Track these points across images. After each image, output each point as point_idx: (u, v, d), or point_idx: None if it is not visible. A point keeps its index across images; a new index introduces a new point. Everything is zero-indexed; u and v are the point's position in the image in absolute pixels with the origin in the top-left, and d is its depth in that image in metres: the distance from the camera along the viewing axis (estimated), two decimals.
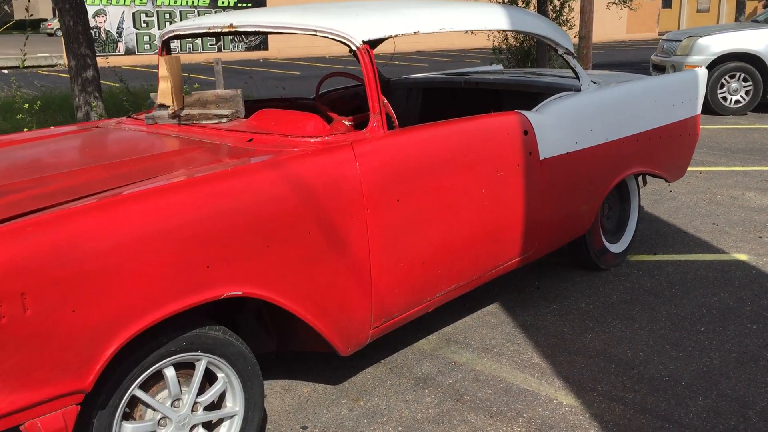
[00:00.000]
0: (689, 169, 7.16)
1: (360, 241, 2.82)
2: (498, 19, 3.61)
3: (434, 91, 5.05)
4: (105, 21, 25.51)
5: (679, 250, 4.85)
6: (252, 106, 4.21)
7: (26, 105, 5.70)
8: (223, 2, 25.42)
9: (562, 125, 3.80)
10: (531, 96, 4.52)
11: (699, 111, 4.95)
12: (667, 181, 4.83)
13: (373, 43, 3.11)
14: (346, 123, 3.27)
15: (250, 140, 2.96)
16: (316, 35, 3.07)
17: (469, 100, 4.93)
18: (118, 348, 2.15)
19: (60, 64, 22.63)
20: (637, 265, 4.60)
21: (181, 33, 3.60)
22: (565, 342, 3.57)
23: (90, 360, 2.10)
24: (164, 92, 3.34)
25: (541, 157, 3.65)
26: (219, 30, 3.40)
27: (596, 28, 23.99)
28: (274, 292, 2.54)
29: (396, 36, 3.16)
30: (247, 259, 2.44)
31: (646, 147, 4.41)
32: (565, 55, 4.04)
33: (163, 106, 3.37)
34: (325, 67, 21.05)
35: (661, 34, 33.87)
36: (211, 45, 25.68)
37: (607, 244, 4.47)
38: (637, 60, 22.07)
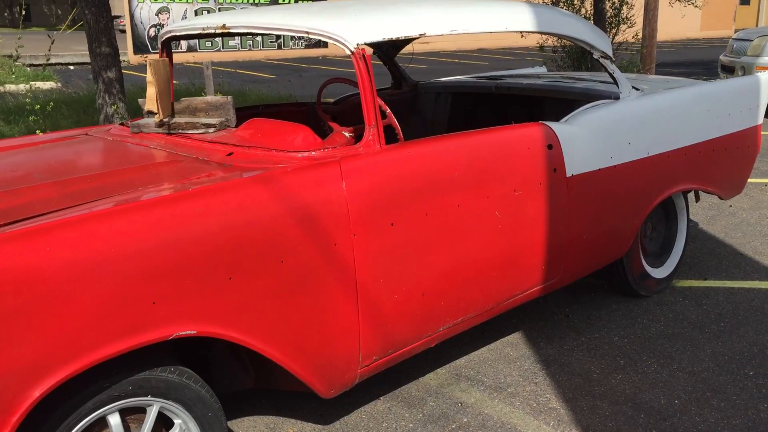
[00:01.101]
0: (752, 181, 6.58)
1: (345, 271, 2.50)
2: (521, 20, 3.23)
3: (464, 96, 4.68)
4: (168, 18, 25.91)
5: (734, 276, 4.36)
6: (254, 112, 3.93)
7: (38, 106, 5.56)
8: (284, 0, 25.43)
9: (594, 138, 3.39)
10: (567, 103, 4.11)
11: (761, 121, 4.44)
12: (720, 198, 4.35)
13: (382, 45, 2.78)
14: (346, 135, 2.95)
15: (230, 154, 2.67)
16: (308, 36, 2.76)
17: (501, 107, 4.54)
18: (42, 396, 1.88)
19: (125, 61, 23.02)
20: (684, 292, 4.14)
21: (178, 34, 3.33)
22: (590, 383, 3.17)
23: (5, 411, 1.83)
24: (151, 98, 3.08)
25: (568, 174, 3.25)
26: (213, 31, 3.12)
27: (668, 25, 23.05)
28: (237, 330, 2.24)
29: (398, 38, 2.82)
30: (203, 294, 2.15)
31: (696, 161, 3.95)
32: (601, 59, 3.62)
33: (150, 113, 3.11)
34: (379, 64, 20.76)
35: (737, 31, 32.45)
36: (271, 42, 25.78)
37: (648, 268, 4.03)
38: (708, 59, 21.07)
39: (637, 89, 3.88)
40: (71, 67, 21.86)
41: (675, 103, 3.87)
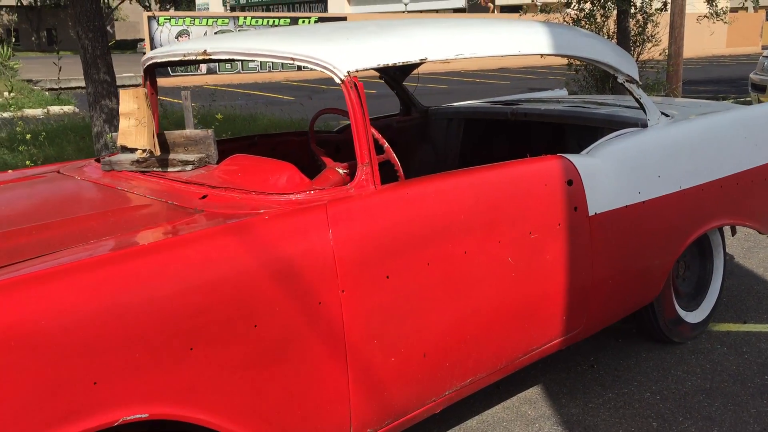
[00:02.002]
0: None
1: (332, 333, 2.16)
2: (535, 42, 2.89)
3: (478, 123, 4.34)
4: (188, 41, 25.91)
5: None
6: (250, 143, 3.63)
7: (28, 136, 5.32)
8: (303, 21, 25.37)
9: (620, 171, 3.03)
10: (589, 131, 3.76)
11: None
12: (760, 232, 3.96)
13: (387, 70, 2.46)
14: (340, 172, 2.63)
15: (203, 197, 2.35)
16: (293, 63, 2.45)
17: (518, 134, 4.20)
18: None
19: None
20: (721, 337, 3.75)
21: (159, 60, 3.04)
22: None
23: None
24: (125, 132, 2.78)
25: (591, 213, 2.90)
26: (194, 57, 2.82)
27: (692, 42, 22.62)
28: (200, 410, 1.91)
29: (396, 64, 2.50)
30: (157, 369, 1.82)
31: (733, 194, 3.57)
32: (627, 84, 3.26)
33: (124, 149, 2.81)
34: (406, 84, 20.47)
35: (764, 48, 31.76)
36: (291, 63, 25.63)
37: (681, 312, 3.64)
38: (737, 76, 20.57)
39: (667, 115, 3.52)
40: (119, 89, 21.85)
41: (709, 131, 3.50)
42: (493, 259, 2.57)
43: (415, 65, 4.18)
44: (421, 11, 36.97)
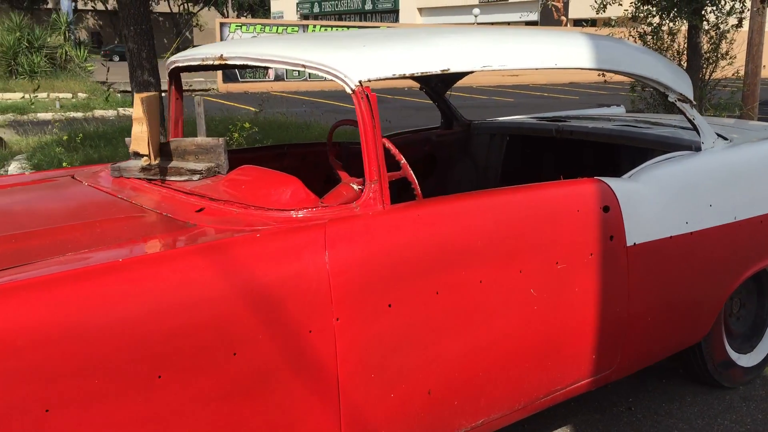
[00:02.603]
0: None
1: (322, 365, 1.98)
2: (574, 54, 2.66)
3: (522, 140, 4.11)
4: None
5: None
6: (280, 152, 3.49)
7: (65, 137, 5.33)
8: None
9: (665, 198, 2.77)
10: (640, 152, 3.48)
11: None
12: None
13: (428, 80, 2.27)
14: (355, 188, 2.46)
15: (200, 210, 2.21)
16: (305, 70, 2.29)
17: (566, 153, 3.95)
18: None
19: (213, 89, 23.30)
20: None
21: (181, 65, 2.93)
22: None
23: None
24: (136, 138, 2.67)
25: (629, 243, 2.64)
26: (212, 62, 2.70)
27: None
28: None
29: (414, 74, 2.31)
30: (119, 398, 1.68)
31: None
32: (678, 103, 2.99)
33: (137, 155, 2.70)
34: (469, 97, 20.25)
35: None
36: None
37: (734, 354, 3.32)
38: None
39: (725, 138, 3.22)
40: (163, 94, 22.36)
41: None
42: (513, 289, 2.35)
43: (458, 76, 4.00)
44: (492, 23, 36.63)
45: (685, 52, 9.02)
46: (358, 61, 2.22)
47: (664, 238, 2.75)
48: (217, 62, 2.65)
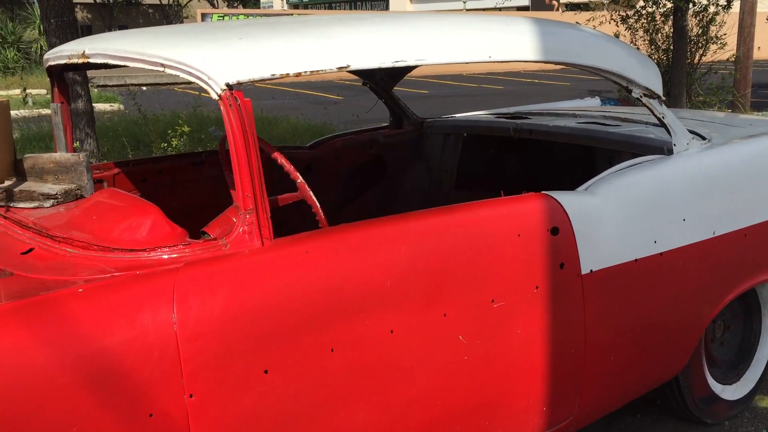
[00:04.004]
0: None
1: None
2: (512, 45, 2.19)
3: (479, 139, 3.64)
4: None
5: None
6: (196, 161, 3.03)
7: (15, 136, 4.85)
8: None
9: (629, 214, 2.31)
10: (607, 154, 3.03)
11: None
12: None
13: (374, 77, 1.83)
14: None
15: (29, 251, 1.76)
16: (164, 71, 1.83)
17: (527, 154, 3.49)
18: None
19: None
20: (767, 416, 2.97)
21: (52, 63, 2.46)
22: None
23: None
24: None
25: (585, 270, 2.19)
26: (76, 61, 2.23)
27: (764, 43, 21.25)
28: None
29: (300, 73, 1.84)
30: None
31: None
32: (645, 99, 2.53)
33: None
34: (458, 85, 19.77)
35: None
36: None
37: (717, 387, 2.88)
38: None
39: (703, 138, 2.76)
40: (143, 89, 21.79)
41: (755, 158, 2.74)
42: (435, 339, 1.90)
43: (406, 70, 3.54)
44: (483, 9, 36.05)
45: (670, 38, 8.53)
46: (225, 59, 1.76)
47: (627, 261, 2.30)
48: (81, 60, 2.19)
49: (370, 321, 1.79)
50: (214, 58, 1.76)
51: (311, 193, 1.98)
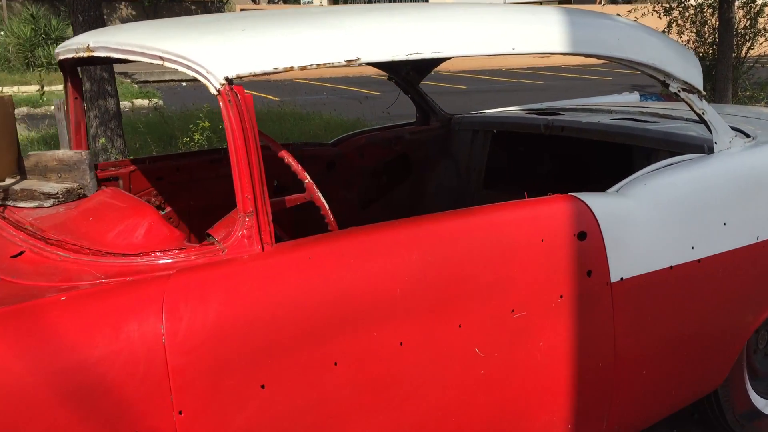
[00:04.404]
0: None
1: None
2: (537, 36, 2.04)
3: (508, 136, 3.49)
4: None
5: None
6: (214, 158, 2.94)
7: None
8: None
9: (664, 217, 2.15)
10: (644, 153, 2.85)
11: None
12: None
13: (400, 70, 1.73)
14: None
15: (18, 255, 1.67)
16: (163, 64, 1.73)
17: (559, 152, 3.33)
18: None
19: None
20: None
21: (62, 57, 2.39)
22: None
23: None
24: None
25: (615, 278, 2.04)
26: (83, 54, 2.15)
27: None
28: None
29: (306, 67, 1.72)
30: None
31: None
32: (683, 93, 2.36)
33: None
34: (497, 80, 19.49)
35: None
36: None
37: (759, 401, 2.69)
38: None
39: (747, 135, 2.57)
40: (183, 84, 21.95)
41: None
42: (449, 351, 1.77)
43: (433, 64, 3.40)
44: (520, 1, 35.53)
45: (716, 31, 8.22)
46: (224, 51, 1.65)
47: (662, 269, 2.13)
48: (86, 54, 2.10)
49: (378, 333, 1.66)
50: (213, 51, 1.66)
51: (320, 194, 1.86)
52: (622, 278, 2.05)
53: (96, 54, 2.06)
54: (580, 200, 2.03)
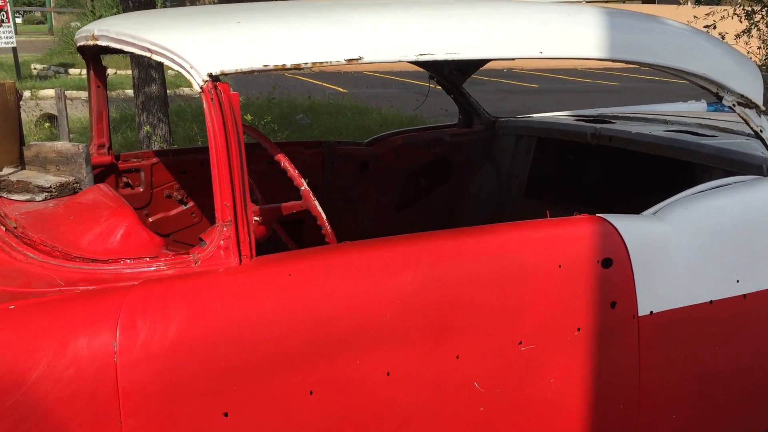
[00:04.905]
0: None
1: None
2: (567, 38, 1.84)
3: (553, 144, 3.27)
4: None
5: None
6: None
7: (47, 125, 4.90)
8: None
9: (705, 246, 1.93)
10: (697, 170, 2.60)
11: None
12: None
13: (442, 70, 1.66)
14: (255, 218, 1.77)
15: None
16: (151, 57, 1.61)
17: (607, 163, 3.10)
18: None
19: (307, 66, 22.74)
20: None
21: (80, 44, 2.31)
22: None
23: None
24: None
25: (643, 311, 1.83)
26: (90, 42, 2.07)
27: None
28: None
29: (300, 65, 1.58)
30: None
31: None
32: (738, 108, 2.11)
33: None
34: (571, 80, 18.98)
35: None
36: None
37: None
38: None
39: None
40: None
41: None
42: (443, 384, 1.60)
43: (477, 63, 3.22)
44: (604, 1, 34.59)
45: None
46: (210, 46, 1.52)
47: (700, 303, 1.91)
48: (92, 42, 2.01)
49: (362, 360, 1.51)
50: (199, 45, 1.53)
51: (317, 203, 1.72)
52: (651, 312, 1.84)
53: (99, 43, 1.97)
54: (608, 222, 1.82)
